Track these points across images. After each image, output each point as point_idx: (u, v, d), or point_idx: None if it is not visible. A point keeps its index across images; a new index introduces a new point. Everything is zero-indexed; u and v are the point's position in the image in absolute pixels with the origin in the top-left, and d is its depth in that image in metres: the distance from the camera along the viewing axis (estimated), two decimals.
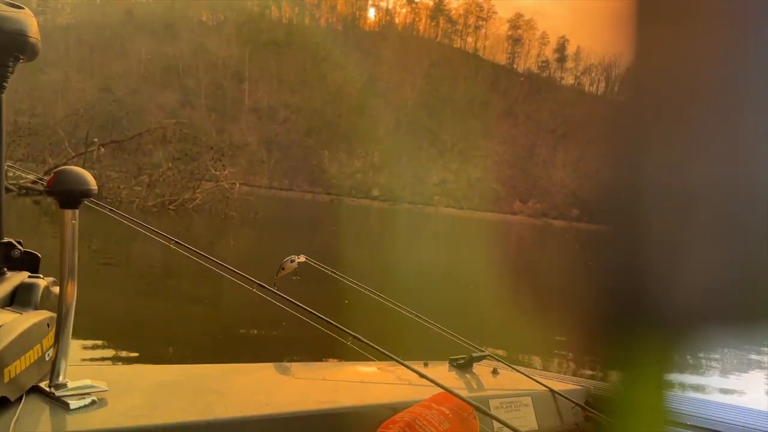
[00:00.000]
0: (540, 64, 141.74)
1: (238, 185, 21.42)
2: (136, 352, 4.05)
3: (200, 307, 6.11)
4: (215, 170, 20.75)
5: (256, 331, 5.13)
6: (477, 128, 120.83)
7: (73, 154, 18.99)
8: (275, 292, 1.71)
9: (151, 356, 4.02)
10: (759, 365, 6.14)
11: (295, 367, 1.85)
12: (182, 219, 16.84)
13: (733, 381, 5.42)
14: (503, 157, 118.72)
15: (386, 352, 1.54)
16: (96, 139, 20.24)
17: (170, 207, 18.67)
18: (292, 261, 2.05)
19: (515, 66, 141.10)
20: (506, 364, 2.01)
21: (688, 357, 0.37)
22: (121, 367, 1.57)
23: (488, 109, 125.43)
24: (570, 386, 1.96)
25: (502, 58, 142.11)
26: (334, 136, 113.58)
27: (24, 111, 22.02)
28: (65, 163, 16.41)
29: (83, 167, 1.41)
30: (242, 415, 1.35)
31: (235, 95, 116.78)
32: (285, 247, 2.05)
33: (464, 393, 1.62)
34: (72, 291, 1.29)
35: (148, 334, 4.77)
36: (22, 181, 16.23)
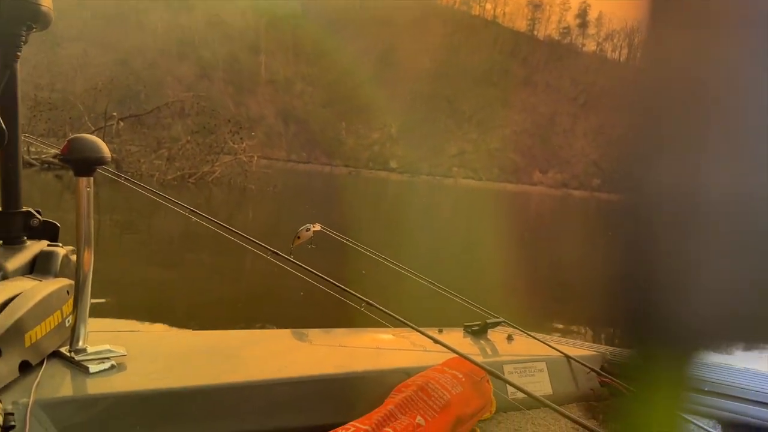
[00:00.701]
0: (561, 30, 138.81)
1: (256, 158, 21.49)
2: (154, 318, 4.13)
3: (218, 276, 6.20)
4: (233, 143, 20.81)
5: (273, 300, 5.19)
6: (496, 97, 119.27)
7: (93, 128, 19.13)
8: (290, 260, 1.72)
9: (169, 323, 4.10)
10: None
11: (312, 333, 1.87)
12: (202, 192, 16.97)
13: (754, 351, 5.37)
14: (523, 127, 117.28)
15: (400, 318, 1.55)
16: (115, 113, 20.37)
17: (190, 180, 18.82)
18: (308, 230, 2.05)
19: (535, 33, 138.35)
20: (521, 331, 2.01)
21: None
22: (139, 333, 1.60)
23: (507, 78, 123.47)
24: (585, 352, 1.96)
25: (521, 25, 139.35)
26: (351, 107, 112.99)
27: (44, 86, 22.14)
28: None
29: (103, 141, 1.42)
30: (259, 379, 1.37)
31: (251, 68, 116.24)
32: (303, 219, 2.06)
33: (478, 358, 1.62)
34: (89, 258, 1.31)
35: (165, 302, 4.86)
36: (44, 156, 16.45)
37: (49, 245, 1.51)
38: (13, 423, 0.98)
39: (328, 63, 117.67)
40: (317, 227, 2.07)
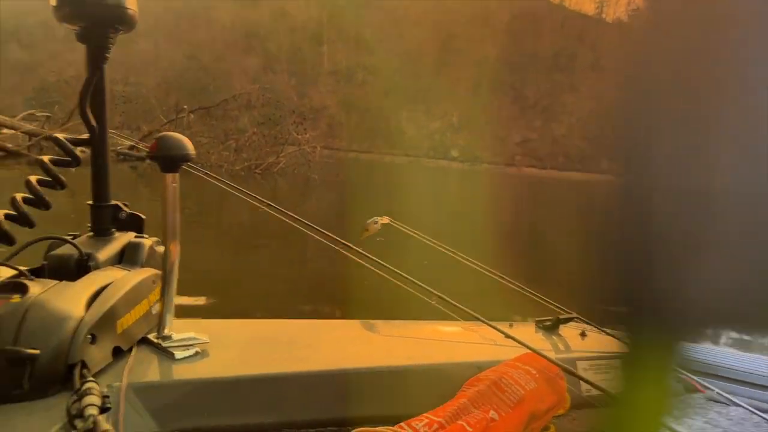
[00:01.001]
0: (630, 12, 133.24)
1: (319, 148, 21.80)
2: (234, 307, 4.29)
3: (290, 267, 6.36)
4: (297, 134, 21.18)
5: (341, 290, 5.27)
6: (562, 83, 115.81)
7: (165, 120, 19.86)
8: (360, 252, 1.74)
9: (247, 311, 4.24)
10: None
11: (381, 324, 1.89)
12: (268, 182, 17.37)
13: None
14: (590, 113, 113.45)
15: (471, 312, 1.55)
16: (185, 106, 21.07)
17: (256, 171, 19.27)
18: (375, 222, 2.07)
19: (604, 16, 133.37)
20: (595, 327, 1.96)
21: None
22: (220, 321, 1.67)
23: (574, 63, 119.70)
24: None
25: (589, 8, 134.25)
26: (412, 96, 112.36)
27: (119, 80, 23.16)
28: (158, 130, 17.21)
29: None
30: (334, 368, 1.41)
31: (314, 59, 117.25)
32: (365, 208, 2.07)
33: (551, 354, 1.60)
34: (175, 249, 1.38)
35: (242, 292, 5.03)
36: (119, 148, 17.23)
37: (135, 236, 1.60)
38: (109, 405, 1.04)
39: (389, 52, 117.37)
40: (385, 220, 2.08)
